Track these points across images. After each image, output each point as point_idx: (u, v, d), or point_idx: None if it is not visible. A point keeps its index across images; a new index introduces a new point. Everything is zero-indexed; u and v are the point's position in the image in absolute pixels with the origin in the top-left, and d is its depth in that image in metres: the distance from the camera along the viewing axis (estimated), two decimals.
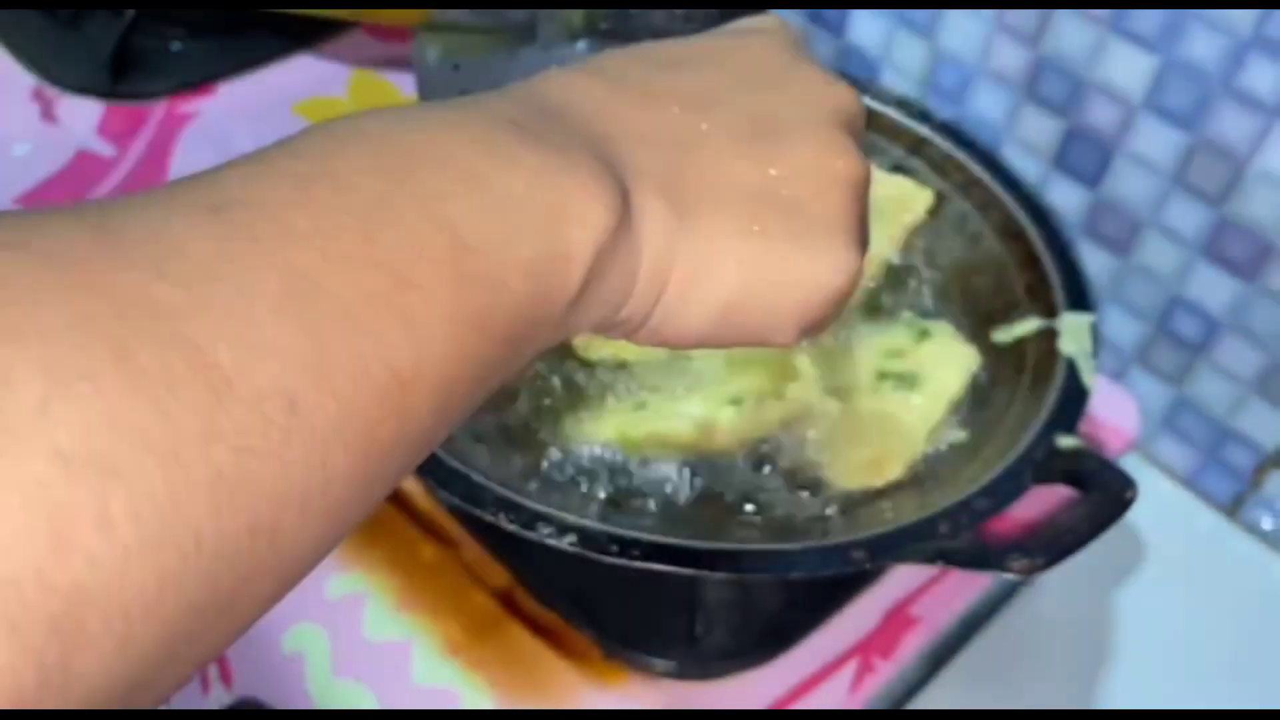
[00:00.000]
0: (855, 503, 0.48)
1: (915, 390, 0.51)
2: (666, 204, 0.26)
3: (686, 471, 0.48)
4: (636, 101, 0.28)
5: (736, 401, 0.50)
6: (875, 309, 0.55)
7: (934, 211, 0.57)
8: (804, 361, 0.51)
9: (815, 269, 0.28)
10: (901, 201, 0.57)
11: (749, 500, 0.48)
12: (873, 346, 0.53)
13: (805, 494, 0.49)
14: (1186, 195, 0.57)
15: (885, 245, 0.56)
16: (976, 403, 0.51)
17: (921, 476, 0.49)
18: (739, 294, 0.27)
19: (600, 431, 0.49)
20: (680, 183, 0.27)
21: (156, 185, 0.21)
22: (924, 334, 0.53)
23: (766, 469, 0.49)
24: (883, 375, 0.52)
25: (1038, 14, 0.59)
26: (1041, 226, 0.54)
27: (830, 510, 0.48)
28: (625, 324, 0.27)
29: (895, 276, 0.56)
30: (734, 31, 0.33)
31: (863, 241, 0.29)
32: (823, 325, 0.29)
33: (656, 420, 0.49)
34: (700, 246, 0.27)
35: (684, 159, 0.27)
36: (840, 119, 0.30)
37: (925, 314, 0.55)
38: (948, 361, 0.52)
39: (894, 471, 0.49)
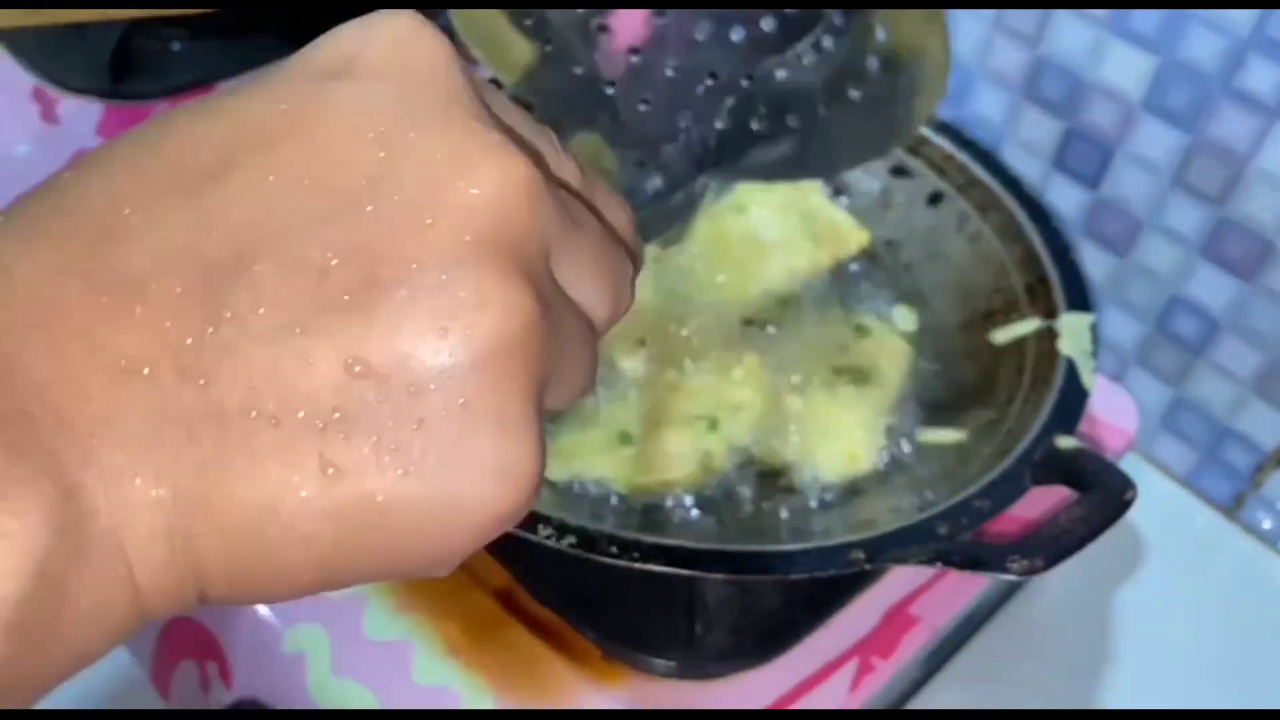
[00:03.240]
0: (844, 497, 0.49)
1: (868, 384, 0.53)
2: (158, 471, 0.17)
3: (689, 499, 0.49)
4: (102, 289, 0.17)
5: (714, 425, 0.51)
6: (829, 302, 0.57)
7: (935, 200, 0.57)
8: (757, 370, 0.52)
9: (447, 507, 0.18)
10: (836, 235, 0.58)
11: (747, 509, 0.49)
12: (816, 343, 0.54)
13: (794, 494, 0.49)
14: (1186, 195, 0.58)
15: (807, 264, 0.57)
16: (976, 403, 0.51)
17: (909, 465, 0.50)
18: (327, 557, 0.18)
19: (593, 468, 0.49)
20: (188, 423, 0.17)
21: None
22: (861, 329, 0.55)
23: (753, 478, 0.50)
24: (838, 371, 0.53)
25: (1037, 14, 0.59)
26: (1041, 227, 0.54)
27: (816, 504, 0.49)
28: (163, 613, 0.18)
29: (874, 264, 0.58)
30: (307, 72, 0.20)
31: (536, 425, 0.19)
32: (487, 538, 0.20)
33: (656, 463, 0.49)
34: (236, 517, 0.17)
35: (197, 369, 0.17)
36: (489, 237, 0.18)
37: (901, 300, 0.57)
38: (887, 355, 0.54)
39: (867, 461, 0.50)
